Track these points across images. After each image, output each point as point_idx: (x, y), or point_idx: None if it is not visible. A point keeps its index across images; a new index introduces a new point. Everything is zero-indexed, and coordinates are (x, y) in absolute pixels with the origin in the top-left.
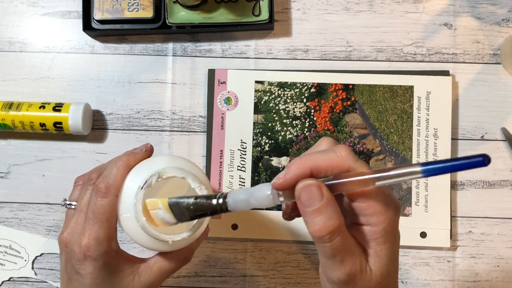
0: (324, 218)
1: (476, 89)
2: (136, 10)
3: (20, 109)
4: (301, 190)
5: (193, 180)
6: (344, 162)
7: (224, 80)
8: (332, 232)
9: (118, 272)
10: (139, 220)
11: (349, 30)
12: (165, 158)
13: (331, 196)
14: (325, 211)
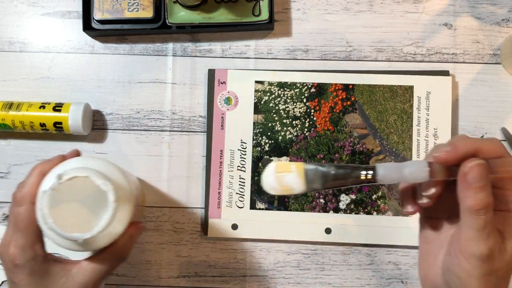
0: (485, 194)
1: (476, 89)
2: (136, 10)
3: (20, 109)
4: (474, 167)
5: (97, 177)
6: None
7: (224, 80)
8: (488, 206)
9: (50, 276)
10: (47, 222)
11: (349, 30)
12: (75, 160)
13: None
14: (487, 188)
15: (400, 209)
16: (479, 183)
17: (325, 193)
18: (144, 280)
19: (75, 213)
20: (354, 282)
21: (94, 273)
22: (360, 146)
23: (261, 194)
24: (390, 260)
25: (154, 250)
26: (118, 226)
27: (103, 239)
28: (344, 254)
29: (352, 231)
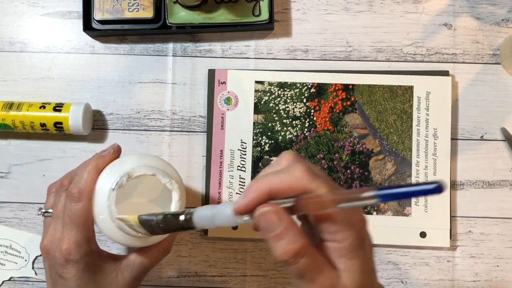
0: (285, 243)
1: (476, 89)
2: (136, 10)
3: (20, 109)
4: (259, 218)
5: (163, 176)
6: (299, 183)
7: (224, 80)
8: (296, 254)
9: (101, 271)
10: (115, 220)
11: (349, 30)
12: (134, 157)
13: (290, 220)
14: (285, 236)
15: (400, 209)
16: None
17: None
18: (144, 280)
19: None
20: None
21: (143, 267)
22: (360, 146)
23: None
24: (390, 260)
25: None
26: None
27: (161, 236)
28: None
29: None
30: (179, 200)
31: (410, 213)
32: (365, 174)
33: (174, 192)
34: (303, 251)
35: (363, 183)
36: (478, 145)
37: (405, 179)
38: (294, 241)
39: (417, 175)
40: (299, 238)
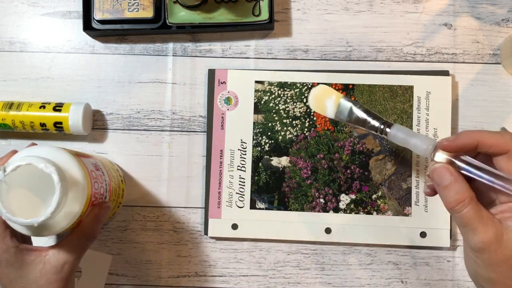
0: (453, 192)
1: (476, 89)
2: (136, 10)
3: (20, 109)
4: (433, 172)
5: (38, 162)
6: (507, 144)
7: (224, 80)
8: (461, 204)
9: (26, 265)
10: (2, 213)
11: (349, 30)
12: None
13: (459, 175)
14: (453, 187)
15: (400, 209)
16: (442, 183)
17: (325, 193)
18: (144, 280)
19: (29, 200)
20: (354, 282)
21: (67, 253)
22: (360, 146)
23: (261, 194)
24: (390, 260)
25: (154, 250)
26: (74, 205)
27: (64, 220)
28: (344, 254)
29: (352, 231)
30: (59, 181)
31: (410, 213)
32: (365, 174)
33: (53, 175)
34: (468, 201)
35: (363, 183)
36: None
37: (405, 179)
38: (460, 191)
39: (417, 175)
40: (466, 190)
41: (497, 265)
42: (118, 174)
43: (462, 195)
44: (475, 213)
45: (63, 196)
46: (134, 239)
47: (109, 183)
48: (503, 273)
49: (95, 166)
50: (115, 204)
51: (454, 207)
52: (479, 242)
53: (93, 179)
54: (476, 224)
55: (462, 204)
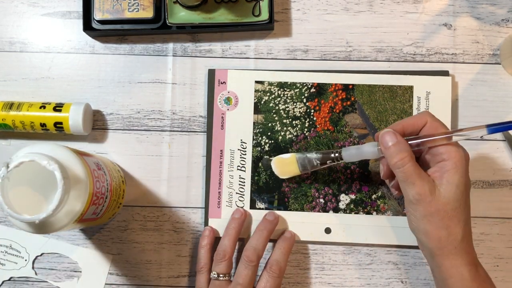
0: (395, 151)
1: (476, 89)
2: (136, 10)
3: (20, 109)
4: (381, 136)
5: (41, 159)
6: (422, 119)
7: (224, 80)
8: (402, 160)
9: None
10: (4, 209)
11: (349, 30)
12: (24, 148)
13: (401, 139)
14: (396, 147)
15: (400, 209)
16: (387, 144)
17: (325, 193)
18: (144, 280)
19: (31, 196)
20: (354, 281)
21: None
22: None
23: (261, 194)
24: (389, 260)
25: (154, 250)
26: (76, 203)
27: (65, 218)
28: (344, 254)
29: (352, 231)
30: (62, 179)
31: None
32: (365, 174)
33: (56, 172)
34: (408, 158)
35: (363, 183)
36: (478, 145)
37: None
38: (402, 150)
39: None
40: (406, 149)
41: (431, 216)
42: (119, 175)
43: (404, 153)
44: (414, 169)
45: (65, 194)
46: (134, 239)
47: (110, 183)
48: (436, 223)
49: (97, 165)
50: (116, 205)
51: (396, 163)
52: (416, 194)
53: (95, 178)
54: (414, 178)
55: (403, 161)
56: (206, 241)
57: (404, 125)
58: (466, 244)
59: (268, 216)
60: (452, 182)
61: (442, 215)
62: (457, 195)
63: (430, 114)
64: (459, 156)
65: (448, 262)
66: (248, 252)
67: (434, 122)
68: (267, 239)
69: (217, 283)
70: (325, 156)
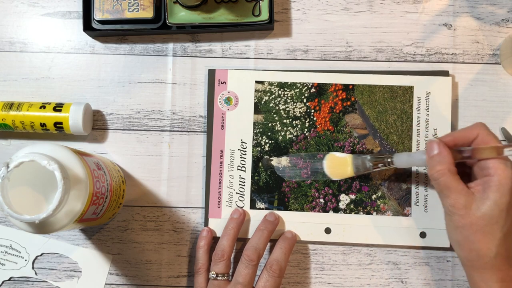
0: (435, 162)
1: (476, 89)
2: (136, 11)
3: (20, 109)
4: (427, 144)
5: (42, 159)
6: (474, 131)
7: (224, 80)
8: (438, 172)
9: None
10: (4, 209)
11: (349, 30)
12: (25, 148)
13: (444, 149)
14: (437, 158)
15: (400, 209)
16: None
17: (325, 193)
18: (144, 280)
19: (31, 196)
20: (353, 281)
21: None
22: (360, 146)
23: (261, 194)
24: (389, 260)
25: (154, 250)
26: (76, 203)
27: (65, 218)
28: (344, 254)
29: (352, 231)
30: (62, 179)
31: (410, 213)
32: (364, 174)
33: (56, 172)
34: (446, 171)
35: (363, 183)
36: None
37: (405, 179)
38: (442, 162)
39: (417, 176)
40: (446, 162)
41: (463, 228)
42: (119, 175)
43: (442, 165)
44: (451, 182)
45: (65, 194)
46: (134, 239)
47: (110, 183)
48: (467, 236)
49: (97, 165)
50: (116, 205)
51: (433, 174)
52: (450, 206)
53: (95, 178)
54: (450, 190)
55: (439, 173)
56: (203, 242)
57: (455, 137)
58: (500, 261)
59: (269, 216)
60: (492, 199)
61: (474, 229)
62: (494, 212)
63: (484, 127)
64: (505, 174)
65: (478, 275)
66: (248, 251)
67: (486, 136)
68: (268, 239)
69: (215, 283)
70: (378, 159)
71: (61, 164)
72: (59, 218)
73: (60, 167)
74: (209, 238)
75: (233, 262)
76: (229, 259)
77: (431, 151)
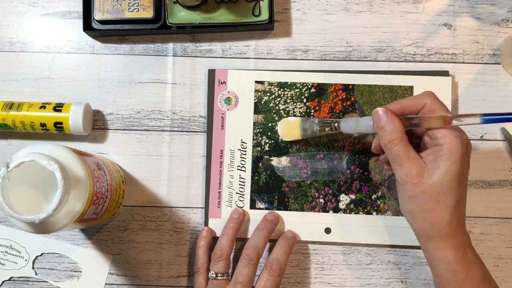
0: (387, 132)
1: (476, 89)
2: (136, 11)
3: (20, 109)
4: (374, 113)
5: (42, 159)
6: (422, 99)
7: (225, 80)
8: (392, 141)
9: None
10: (4, 209)
11: (349, 30)
12: (25, 148)
13: (393, 118)
14: (388, 127)
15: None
16: (380, 124)
17: (325, 193)
18: (144, 280)
19: (31, 196)
20: (353, 281)
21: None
22: (360, 146)
23: (261, 194)
24: (389, 260)
25: (154, 250)
26: (76, 204)
27: (65, 218)
28: (344, 254)
29: (352, 231)
30: (62, 179)
31: None
32: (365, 174)
33: (56, 172)
34: (398, 140)
35: (363, 183)
36: (478, 145)
37: None
38: (393, 131)
39: None
40: (398, 130)
41: (416, 197)
42: (119, 175)
43: (394, 135)
44: (404, 151)
45: (65, 194)
46: (134, 239)
47: (110, 183)
48: (421, 205)
49: (97, 165)
50: (116, 205)
51: (387, 144)
52: (403, 175)
53: (95, 178)
54: (403, 159)
55: (393, 142)
56: (203, 242)
57: (402, 106)
58: (454, 229)
59: (269, 216)
60: (443, 167)
61: (427, 198)
62: (446, 180)
63: (432, 95)
64: (454, 143)
65: (432, 244)
66: (248, 250)
67: (433, 105)
68: (267, 238)
69: (215, 282)
70: (325, 122)
71: (61, 164)
72: (59, 218)
73: (60, 167)
74: (209, 238)
75: (233, 261)
76: (229, 259)
77: (380, 120)
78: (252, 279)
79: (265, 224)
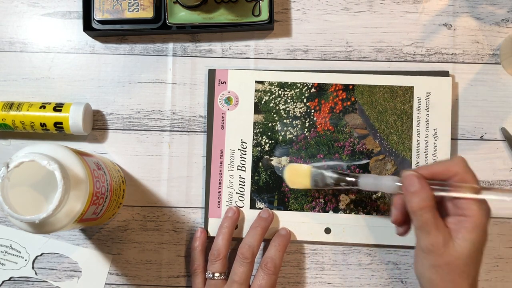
0: (418, 198)
1: (476, 89)
2: (136, 11)
3: (20, 109)
4: (405, 177)
5: (42, 159)
6: (454, 167)
7: (225, 80)
8: (422, 209)
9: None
10: (4, 209)
11: (349, 30)
12: (26, 147)
13: (425, 184)
14: (418, 194)
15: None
16: (410, 189)
17: (325, 193)
18: (144, 280)
19: (31, 196)
20: (353, 281)
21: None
22: (360, 147)
23: (261, 194)
24: (389, 260)
25: (154, 250)
26: (76, 204)
27: (65, 218)
28: (344, 254)
29: (352, 231)
30: (62, 179)
31: None
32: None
33: (56, 172)
34: (428, 209)
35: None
36: (478, 145)
37: None
38: (424, 200)
39: None
40: (430, 198)
41: (439, 267)
42: (119, 175)
43: (426, 202)
44: (433, 220)
45: (65, 194)
46: (134, 239)
47: (110, 183)
48: (443, 276)
49: (97, 165)
50: (116, 205)
51: (417, 211)
52: (429, 244)
53: (95, 178)
54: (431, 228)
55: (424, 210)
56: (198, 242)
57: (432, 172)
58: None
59: (263, 213)
60: (469, 239)
61: (451, 269)
62: (471, 252)
63: (464, 164)
64: (480, 215)
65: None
66: (242, 249)
67: (465, 174)
68: (262, 236)
69: (213, 282)
70: (341, 178)
71: (61, 164)
72: (59, 218)
73: (60, 167)
74: (203, 239)
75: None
76: (225, 258)
77: (411, 186)
78: (248, 278)
79: (259, 222)
